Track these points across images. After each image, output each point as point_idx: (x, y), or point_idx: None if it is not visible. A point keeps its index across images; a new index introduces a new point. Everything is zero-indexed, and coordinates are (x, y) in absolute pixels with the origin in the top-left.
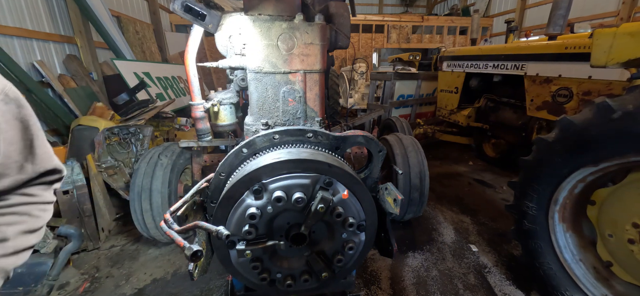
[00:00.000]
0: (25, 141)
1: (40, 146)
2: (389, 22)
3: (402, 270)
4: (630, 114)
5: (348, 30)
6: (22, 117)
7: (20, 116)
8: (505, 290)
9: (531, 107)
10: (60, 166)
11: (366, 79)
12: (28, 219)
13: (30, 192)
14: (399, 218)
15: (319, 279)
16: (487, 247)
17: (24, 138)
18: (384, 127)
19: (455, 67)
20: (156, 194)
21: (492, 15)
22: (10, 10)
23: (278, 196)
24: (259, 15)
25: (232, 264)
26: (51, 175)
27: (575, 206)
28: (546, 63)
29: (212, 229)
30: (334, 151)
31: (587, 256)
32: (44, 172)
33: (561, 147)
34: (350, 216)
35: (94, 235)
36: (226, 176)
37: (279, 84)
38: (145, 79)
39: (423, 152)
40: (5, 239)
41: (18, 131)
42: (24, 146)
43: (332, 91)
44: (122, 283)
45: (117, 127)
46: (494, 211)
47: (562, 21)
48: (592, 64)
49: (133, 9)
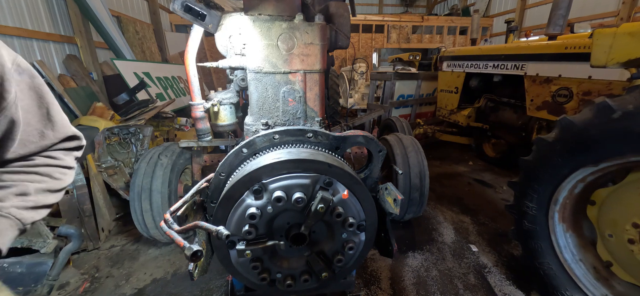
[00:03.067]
0: (41, 109)
1: (57, 114)
2: (389, 22)
3: (402, 270)
4: (630, 114)
5: (348, 30)
6: (36, 86)
7: (34, 86)
8: (505, 290)
9: (531, 107)
10: (79, 134)
11: (366, 79)
12: (49, 180)
13: (53, 155)
14: (399, 218)
15: (319, 279)
16: (487, 247)
17: (40, 106)
18: (384, 127)
19: (455, 67)
20: (156, 194)
21: (492, 15)
22: (10, 10)
23: (278, 196)
24: (259, 15)
25: (232, 264)
26: (71, 141)
27: (575, 206)
28: (546, 63)
29: (212, 229)
30: (334, 151)
31: (587, 256)
32: (65, 138)
33: (561, 147)
34: (350, 216)
35: (94, 235)
36: (226, 176)
37: (279, 84)
38: (145, 79)
39: (423, 152)
40: (26, 194)
41: (34, 99)
42: (41, 114)
43: (332, 91)
44: (122, 283)
45: (117, 127)
46: (494, 211)
47: (562, 21)
48: (592, 64)
49: (133, 9)
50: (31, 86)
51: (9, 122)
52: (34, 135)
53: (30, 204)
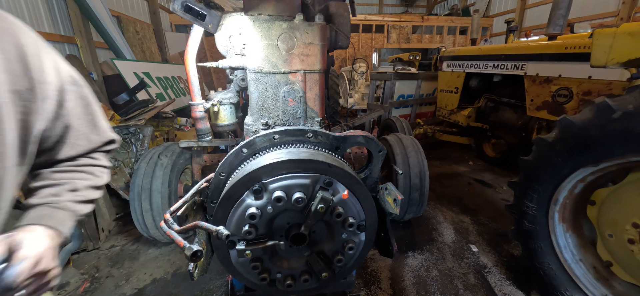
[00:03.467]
0: (88, 115)
1: (100, 120)
2: (389, 22)
3: (402, 270)
4: (630, 114)
5: (348, 30)
6: (85, 95)
7: (83, 95)
8: (505, 290)
9: (531, 107)
10: (117, 137)
11: (366, 79)
12: (92, 178)
13: (94, 156)
14: (399, 218)
15: (319, 279)
16: (487, 247)
17: (87, 113)
18: (384, 127)
19: (455, 67)
20: (156, 194)
21: (492, 15)
22: (10, 10)
23: (278, 196)
24: (259, 15)
25: (232, 264)
26: (110, 145)
27: (575, 206)
28: (546, 63)
29: (212, 229)
30: (334, 151)
31: (587, 256)
32: (107, 141)
33: (561, 147)
34: (350, 216)
35: (94, 235)
36: (226, 176)
37: (279, 84)
38: (145, 79)
39: (423, 152)
40: (76, 190)
41: (83, 107)
42: (88, 120)
43: (332, 91)
44: (122, 283)
45: (117, 128)
46: (494, 211)
47: (562, 21)
48: (592, 64)
49: (133, 9)
50: (81, 95)
51: (63, 128)
52: (82, 139)
53: (81, 199)
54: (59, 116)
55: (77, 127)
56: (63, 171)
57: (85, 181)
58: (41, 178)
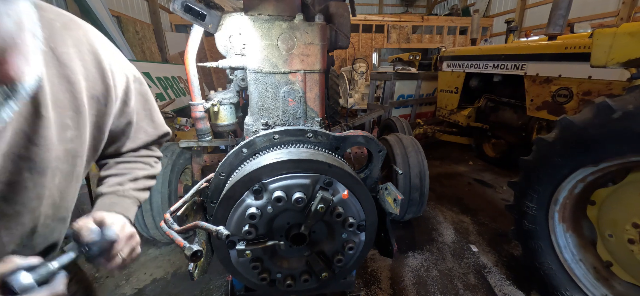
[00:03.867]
0: (146, 111)
1: (157, 115)
2: (389, 22)
3: (402, 270)
4: (630, 114)
5: (348, 30)
6: (144, 92)
7: (142, 92)
8: (505, 290)
9: (531, 107)
10: (169, 130)
11: (366, 79)
12: (149, 168)
13: (151, 148)
14: (399, 218)
15: (319, 279)
16: (487, 247)
17: (146, 108)
18: (384, 127)
19: (455, 67)
20: (156, 194)
21: (492, 15)
22: None
23: (278, 196)
24: (259, 16)
25: (232, 264)
26: (164, 137)
27: (575, 206)
28: (546, 63)
29: (212, 229)
30: (334, 151)
31: (587, 256)
32: (162, 134)
33: (561, 147)
34: (350, 216)
35: None
36: (226, 176)
37: (279, 84)
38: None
39: (423, 152)
40: (137, 179)
41: (142, 104)
42: (147, 116)
43: (332, 91)
44: (122, 283)
45: None
46: (494, 211)
47: (562, 21)
48: (592, 64)
49: (133, 9)
50: (141, 92)
51: (127, 123)
52: (141, 133)
53: (141, 187)
54: (124, 113)
55: (138, 122)
56: (125, 162)
57: (144, 171)
58: (107, 167)
